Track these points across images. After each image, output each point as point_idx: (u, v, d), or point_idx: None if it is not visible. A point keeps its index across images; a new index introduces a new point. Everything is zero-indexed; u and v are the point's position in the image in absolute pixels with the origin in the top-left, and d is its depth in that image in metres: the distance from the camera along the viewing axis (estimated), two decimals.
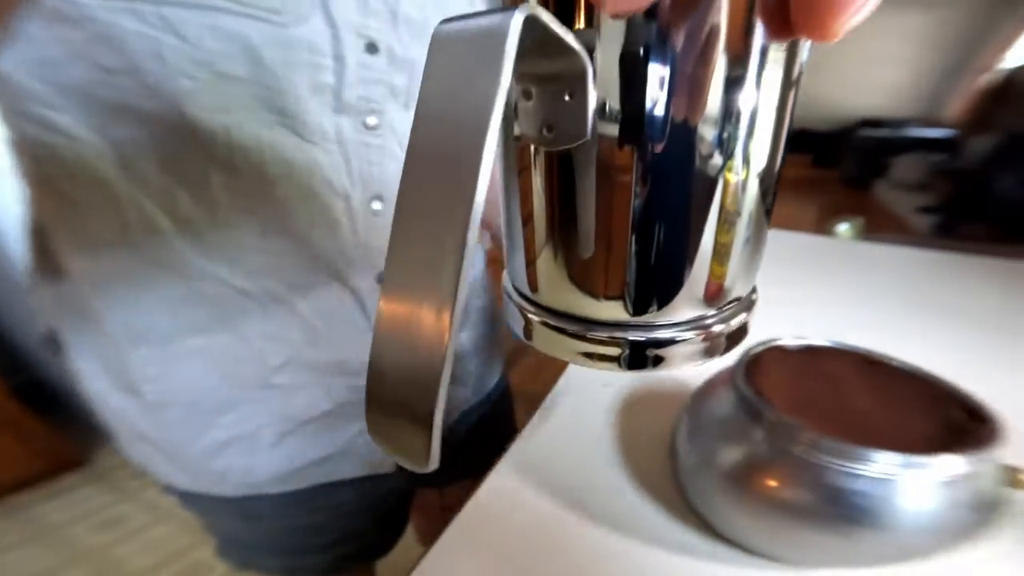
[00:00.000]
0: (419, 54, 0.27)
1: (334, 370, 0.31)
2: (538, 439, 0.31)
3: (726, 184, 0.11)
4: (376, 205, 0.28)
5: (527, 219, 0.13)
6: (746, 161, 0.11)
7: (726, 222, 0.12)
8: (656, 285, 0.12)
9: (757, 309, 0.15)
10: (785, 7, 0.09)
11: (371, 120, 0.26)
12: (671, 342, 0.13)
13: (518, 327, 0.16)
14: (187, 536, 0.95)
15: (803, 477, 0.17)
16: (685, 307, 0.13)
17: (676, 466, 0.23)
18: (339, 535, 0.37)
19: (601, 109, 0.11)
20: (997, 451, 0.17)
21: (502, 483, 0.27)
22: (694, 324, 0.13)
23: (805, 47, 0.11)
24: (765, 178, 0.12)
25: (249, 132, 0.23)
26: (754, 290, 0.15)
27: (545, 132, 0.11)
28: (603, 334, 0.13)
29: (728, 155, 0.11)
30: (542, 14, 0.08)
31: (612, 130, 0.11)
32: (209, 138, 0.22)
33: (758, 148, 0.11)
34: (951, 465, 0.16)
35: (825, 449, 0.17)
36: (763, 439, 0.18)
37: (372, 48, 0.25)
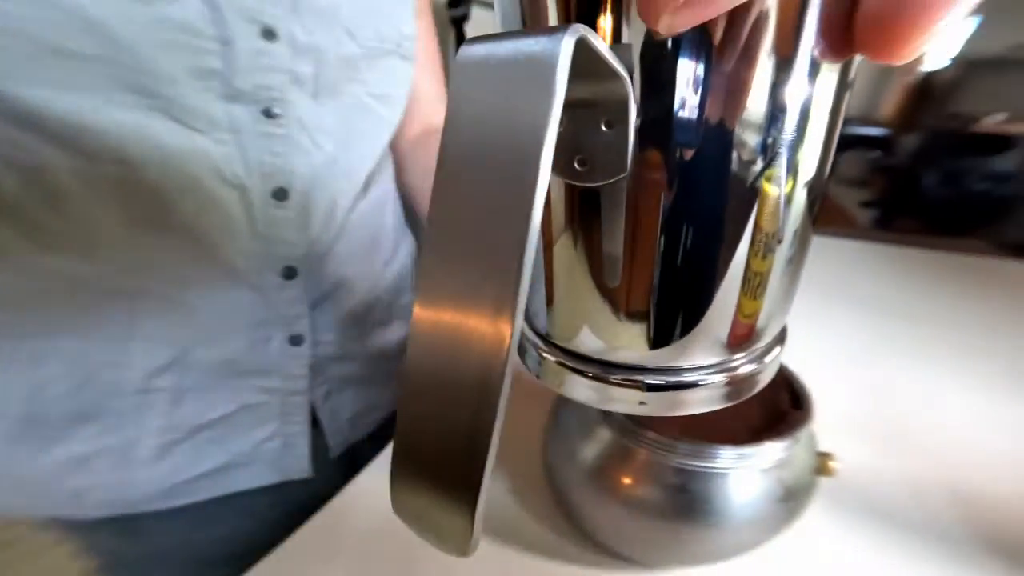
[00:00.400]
0: (325, 40, 0.26)
1: (234, 371, 0.29)
2: None
3: (771, 231, 0.11)
4: (280, 198, 0.27)
5: (546, 252, 0.12)
6: (791, 212, 0.11)
7: (762, 286, 0.11)
8: (685, 328, 0.12)
9: (788, 340, 0.15)
10: (849, 25, 0.08)
11: (273, 109, 0.25)
12: (694, 385, 0.13)
13: (533, 366, 0.15)
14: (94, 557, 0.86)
15: (649, 476, 0.18)
16: (715, 351, 0.13)
17: (546, 465, 0.23)
18: (252, 545, 0.36)
19: (638, 139, 0.10)
20: (807, 436, 0.18)
21: (373, 483, 0.26)
22: (721, 367, 0.13)
23: (854, 81, 0.10)
24: (810, 221, 0.12)
25: (106, 115, 0.21)
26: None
27: (577, 166, 0.10)
28: (620, 376, 0.13)
29: (778, 200, 0.10)
30: (590, 36, 0.07)
31: (650, 161, 0.10)
32: (38, 117, 0.20)
33: (807, 199, 0.11)
34: (771, 453, 0.17)
35: (666, 447, 0.17)
36: (612, 439, 0.19)
37: (269, 34, 0.24)
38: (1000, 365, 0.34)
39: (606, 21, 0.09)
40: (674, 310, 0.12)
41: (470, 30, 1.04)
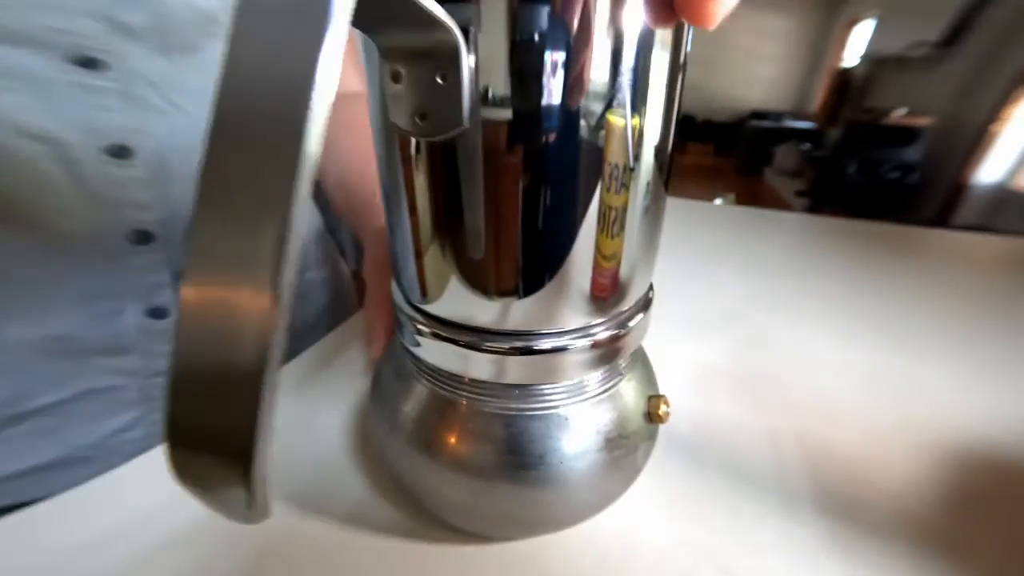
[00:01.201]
0: None
1: (68, 350, 0.26)
2: None
3: (622, 165, 0.11)
4: (120, 156, 0.25)
5: (412, 221, 0.12)
6: (638, 155, 0.12)
7: (619, 223, 0.12)
8: (553, 291, 0.12)
9: (653, 307, 0.16)
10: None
11: (91, 59, 0.23)
12: (563, 350, 0.13)
13: (410, 341, 0.15)
14: None
15: (473, 428, 0.15)
16: (581, 309, 0.13)
17: (373, 436, 0.20)
18: None
19: (483, 94, 0.10)
20: (637, 372, 0.17)
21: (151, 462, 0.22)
22: (585, 332, 0.14)
23: (689, 36, 0.11)
24: (658, 174, 0.12)
25: None
26: (650, 288, 0.16)
27: (418, 120, 0.10)
28: (498, 344, 0.13)
29: (624, 135, 0.11)
30: None
31: (496, 117, 0.10)
32: None
33: (651, 139, 0.12)
34: (598, 383, 0.15)
35: (487, 390, 0.15)
36: (429, 393, 0.16)
37: None
38: (873, 320, 0.37)
39: None
40: (538, 250, 0.12)
41: None
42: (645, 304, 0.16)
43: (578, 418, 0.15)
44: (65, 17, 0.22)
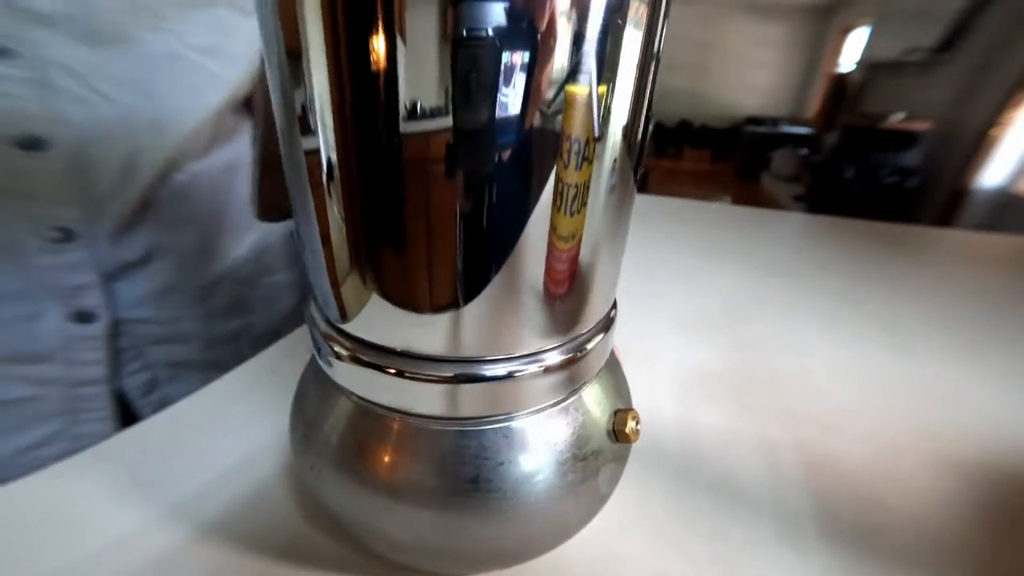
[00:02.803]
0: None
1: None
2: (152, 430, 0.24)
3: (582, 139, 0.10)
4: (32, 147, 0.24)
5: (324, 230, 0.11)
6: (606, 125, 0.10)
7: (582, 182, 0.10)
8: (499, 311, 0.11)
9: (616, 328, 0.14)
10: None
11: None
12: (508, 377, 0.11)
13: (327, 365, 0.13)
14: None
15: (412, 449, 0.13)
16: (530, 337, 0.11)
17: (296, 463, 0.17)
18: None
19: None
20: (605, 382, 0.15)
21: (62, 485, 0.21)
22: (535, 357, 0.12)
23: (663, 28, 0.10)
24: (622, 184, 0.11)
25: None
26: (613, 306, 0.15)
27: None
28: (428, 371, 0.11)
29: (587, 107, 0.09)
30: None
31: (430, 121, 0.09)
32: None
33: (612, 149, 0.10)
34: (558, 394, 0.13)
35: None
36: (355, 411, 0.14)
37: None
38: (878, 321, 0.36)
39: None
40: (477, 262, 0.10)
41: None
42: (607, 324, 0.14)
43: (522, 434, 0.13)
44: None
